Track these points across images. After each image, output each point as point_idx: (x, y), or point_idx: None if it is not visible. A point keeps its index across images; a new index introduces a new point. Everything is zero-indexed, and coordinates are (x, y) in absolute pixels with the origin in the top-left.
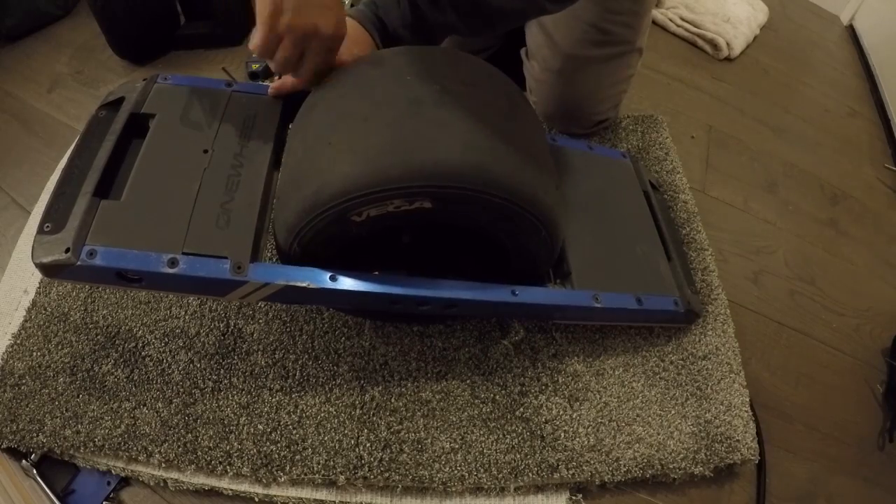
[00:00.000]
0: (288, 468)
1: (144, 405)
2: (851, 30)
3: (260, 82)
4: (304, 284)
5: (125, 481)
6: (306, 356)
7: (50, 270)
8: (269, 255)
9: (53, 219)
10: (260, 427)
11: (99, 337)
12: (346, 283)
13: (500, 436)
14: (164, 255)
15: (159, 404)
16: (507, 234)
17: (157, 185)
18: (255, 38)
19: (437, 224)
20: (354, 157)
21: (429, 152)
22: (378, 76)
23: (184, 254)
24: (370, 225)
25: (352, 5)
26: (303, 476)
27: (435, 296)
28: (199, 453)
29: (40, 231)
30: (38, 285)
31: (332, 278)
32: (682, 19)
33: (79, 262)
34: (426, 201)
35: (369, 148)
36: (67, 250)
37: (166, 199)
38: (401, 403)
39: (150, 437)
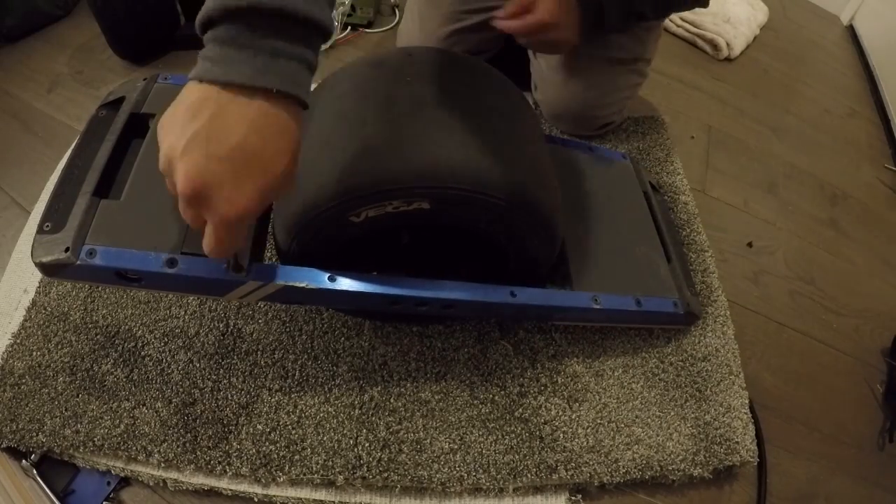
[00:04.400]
0: (287, 468)
1: (144, 405)
2: (851, 30)
3: None
4: (302, 285)
5: (125, 481)
6: (305, 356)
7: (49, 270)
8: (268, 255)
9: (53, 218)
10: (259, 427)
11: (99, 337)
12: (345, 283)
13: (499, 436)
14: (163, 255)
15: (158, 404)
16: (506, 235)
17: (157, 186)
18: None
19: (435, 225)
20: (353, 158)
21: (428, 153)
22: (378, 77)
23: (183, 254)
24: (369, 225)
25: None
26: (302, 476)
27: (434, 296)
28: (199, 453)
29: (40, 230)
30: (37, 285)
31: (331, 279)
32: (682, 19)
33: (78, 262)
34: (424, 202)
35: (368, 148)
36: (67, 250)
37: (166, 199)
38: (400, 404)
39: (150, 436)
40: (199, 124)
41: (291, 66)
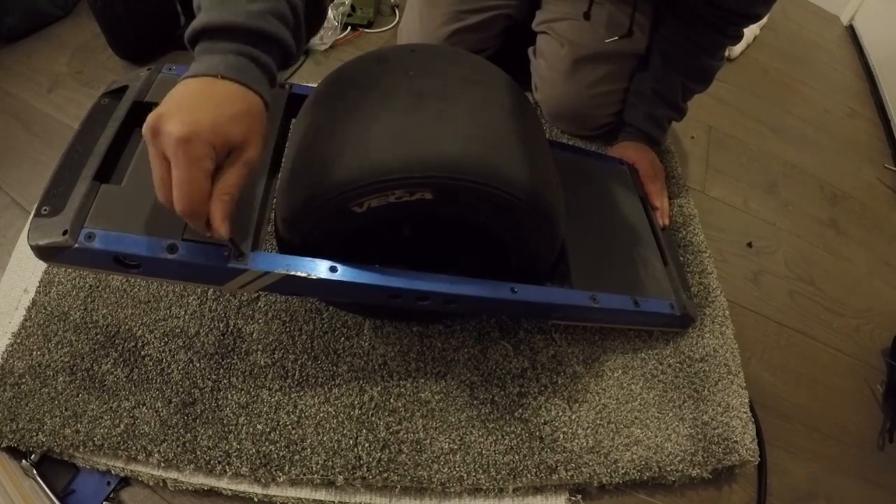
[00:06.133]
0: (287, 468)
1: (144, 404)
2: (851, 30)
3: None
4: (303, 274)
5: (125, 481)
6: (305, 356)
7: (46, 253)
8: (270, 248)
9: (52, 202)
10: (259, 427)
11: (99, 336)
12: (346, 274)
13: (499, 437)
14: (163, 241)
15: (158, 404)
16: (508, 228)
17: None
18: None
19: (437, 216)
20: (357, 148)
21: (431, 143)
22: (381, 72)
23: (183, 240)
24: (371, 216)
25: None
26: (301, 476)
27: (435, 290)
28: (199, 453)
29: (37, 214)
30: (38, 284)
31: (332, 269)
32: None
33: (76, 245)
34: (427, 192)
35: (372, 139)
36: (65, 232)
37: None
38: (400, 404)
39: (150, 436)
40: (171, 95)
41: (241, 63)
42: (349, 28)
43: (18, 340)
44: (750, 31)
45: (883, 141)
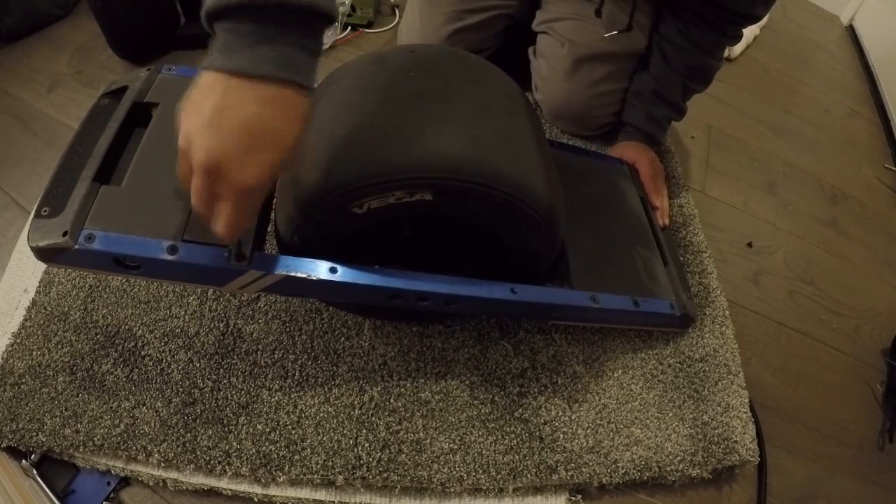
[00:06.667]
0: (287, 468)
1: (144, 404)
2: (851, 30)
3: None
4: (303, 275)
5: (125, 481)
6: (305, 356)
7: (46, 255)
8: (270, 249)
9: (52, 203)
10: (259, 427)
11: (99, 336)
12: (346, 275)
13: (499, 437)
14: (163, 242)
15: (158, 404)
16: (508, 228)
17: (159, 174)
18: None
19: (437, 217)
20: (356, 149)
21: (431, 144)
22: (381, 72)
23: (184, 241)
24: (371, 217)
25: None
26: (301, 476)
27: (435, 291)
28: (199, 453)
29: (37, 215)
30: (38, 284)
31: (332, 270)
32: None
33: (76, 246)
34: (427, 193)
35: (371, 140)
36: (65, 234)
37: (168, 187)
38: (399, 404)
39: (150, 436)
40: (213, 102)
41: (289, 53)
42: (349, 28)
43: (18, 340)
44: (750, 31)
45: (883, 141)
